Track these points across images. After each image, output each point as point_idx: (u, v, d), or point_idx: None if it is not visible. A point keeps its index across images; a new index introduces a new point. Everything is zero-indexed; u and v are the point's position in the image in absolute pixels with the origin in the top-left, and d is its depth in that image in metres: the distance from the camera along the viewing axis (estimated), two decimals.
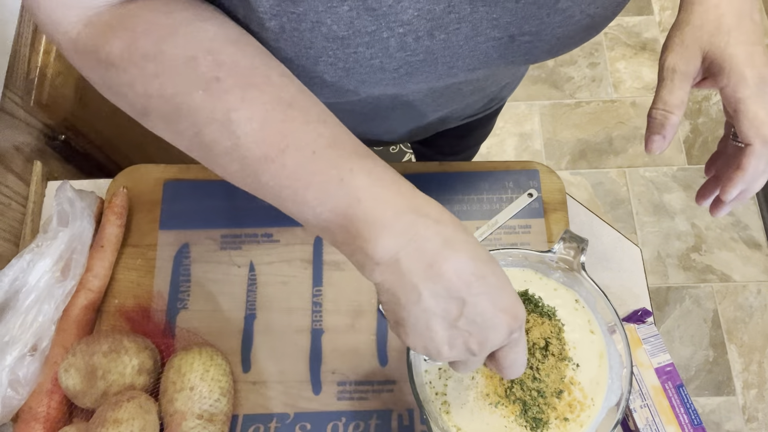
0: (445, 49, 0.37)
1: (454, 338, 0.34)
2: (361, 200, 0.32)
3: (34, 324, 0.54)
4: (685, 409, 0.57)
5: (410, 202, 0.33)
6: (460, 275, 0.32)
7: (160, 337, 0.59)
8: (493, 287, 0.33)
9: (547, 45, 0.39)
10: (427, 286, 0.32)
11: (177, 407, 0.52)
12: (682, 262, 1.53)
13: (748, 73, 0.40)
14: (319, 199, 0.33)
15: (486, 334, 0.34)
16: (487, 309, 0.33)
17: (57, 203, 0.58)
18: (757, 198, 1.58)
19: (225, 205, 0.66)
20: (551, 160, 1.64)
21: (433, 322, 0.33)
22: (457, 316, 0.33)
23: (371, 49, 0.35)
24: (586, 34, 0.39)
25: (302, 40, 0.34)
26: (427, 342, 0.34)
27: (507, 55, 0.39)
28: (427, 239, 0.32)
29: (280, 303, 0.62)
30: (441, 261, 0.32)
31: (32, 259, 0.55)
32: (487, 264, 0.34)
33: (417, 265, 0.32)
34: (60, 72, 0.78)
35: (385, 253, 0.32)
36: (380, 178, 0.33)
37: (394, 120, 0.53)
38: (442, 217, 0.33)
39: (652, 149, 0.43)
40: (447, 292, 0.32)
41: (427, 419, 0.45)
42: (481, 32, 0.37)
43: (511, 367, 0.37)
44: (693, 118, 1.68)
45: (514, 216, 0.66)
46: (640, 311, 0.62)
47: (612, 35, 1.78)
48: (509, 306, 0.34)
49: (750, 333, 1.47)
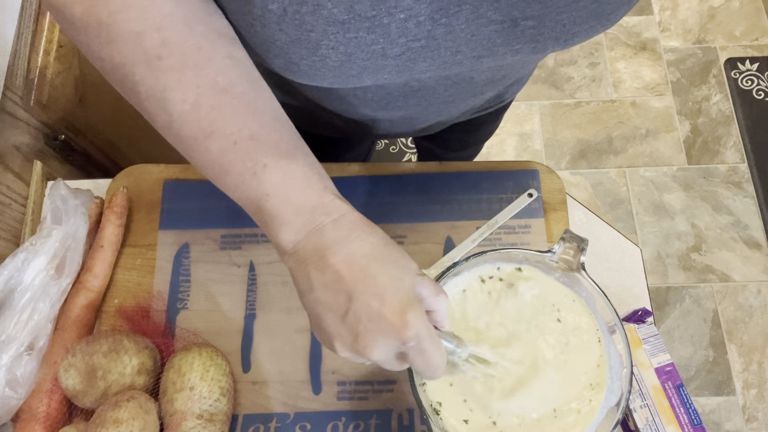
0: (447, 34, 0.37)
1: (343, 335, 0.35)
2: (269, 195, 0.35)
3: (30, 322, 0.54)
4: (685, 409, 0.57)
5: (315, 201, 0.36)
6: (349, 270, 0.34)
7: (160, 337, 0.59)
8: (384, 288, 0.34)
9: (553, 32, 0.38)
10: (316, 276, 0.35)
11: (177, 407, 0.52)
12: (682, 262, 1.53)
13: None
14: (235, 187, 0.36)
15: (372, 337, 0.34)
16: (373, 309, 0.34)
17: (50, 201, 0.58)
18: (757, 198, 1.59)
19: (225, 205, 0.66)
20: (551, 160, 1.64)
21: (323, 314, 0.35)
22: (345, 311, 0.34)
23: (372, 34, 0.35)
24: (595, 22, 0.38)
25: (303, 23, 0.34)
26: (322, 334, 0.36)
27: (511, 41, 0.39)
28: (322, 235, 0.35)
29: (280, 303, 0.62)
30: (330, 254, 0.35)
31: (27, 258, 0.55)
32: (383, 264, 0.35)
33: (311, 256, 0.35)
34: (60, 72, 0.78)
35: (286, 243, 0.36)
36: (292, 177, 0.36)
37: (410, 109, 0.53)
38: (344, 217, 0.36)
39: None
40: (334, 284, 0.34)
41: (427, 419, 0.45)
42: (482, 14, 0.36)
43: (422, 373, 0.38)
44: (693, 118, 1.68)
45: (514, 216, 0.66)
46: (640, 311, 0.62)
47: (612, 35, 1.78)
48: (398, 311, 0.34)
49: (750, 333, 1.47)
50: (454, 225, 0.66)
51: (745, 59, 1.73)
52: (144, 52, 0.34)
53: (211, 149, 0.35)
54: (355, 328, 0.34)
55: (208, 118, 0.35)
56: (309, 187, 0.36)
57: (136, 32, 0.34)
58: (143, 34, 0.34)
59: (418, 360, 0.37)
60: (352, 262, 0.35)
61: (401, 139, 1.68)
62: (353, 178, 0.67)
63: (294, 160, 0.36)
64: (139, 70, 0.35)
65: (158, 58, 0.34)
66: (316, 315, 0.36)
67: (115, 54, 0.35)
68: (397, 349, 0.36)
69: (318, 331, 0.37)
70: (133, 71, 0.35)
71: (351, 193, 0.66)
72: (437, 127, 0.67)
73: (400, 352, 0.37)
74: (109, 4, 0.34)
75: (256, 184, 0.35)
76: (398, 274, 0.36)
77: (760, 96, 1.69)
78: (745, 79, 1.71)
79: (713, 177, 1.61)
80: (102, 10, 0.34)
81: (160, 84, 0.35)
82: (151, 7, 0.34)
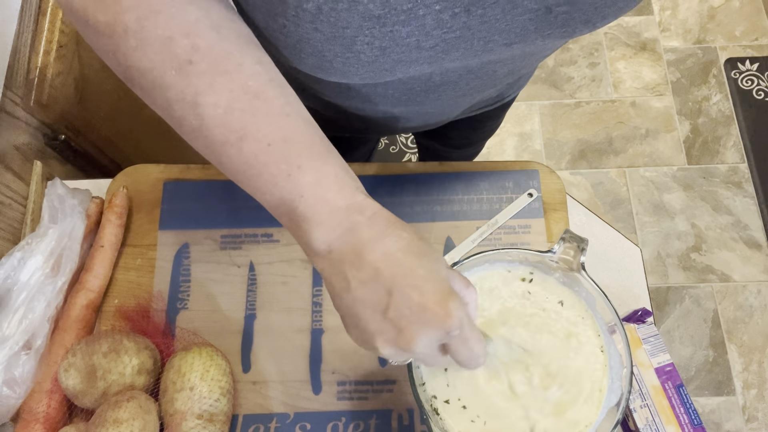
0: (482, 24, 0.37)
1: (385, 331, 0.35)
2: (303, 196, 0.35)
3: (25, 321, 0.53)
4: (685, 409, 0.57)
5: (348, 201, 0.36)
6: (387, 264, 0.34)
7: (160, 337, 0.59)
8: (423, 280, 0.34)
9: (584, 15, 0.38)
10: (354, 274, 0.34)
11: (177, 407, 0.52)
12: (682, 262, 1.53)
13: None
14: (268, 189, 0.36)
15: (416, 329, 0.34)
16: (415, 301, 0.34)
17: (47, 200, 0.58)
18: (757, 198, 1.59)
19: (225, 205, 0.66)
20: (551, 160, 1.64)
21: (363, 312, 0.35)
22: (386, 307, 0.34)
23: (407, 27, 0.35)
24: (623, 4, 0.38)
25: (339, 20, 0.34)
26: (363, 334, 0.36)
27: (543, 27, 0.39)
28: (356, 233, 0.35)
29: (280, 303, 0.62)
30: (367, 251, 0.34)
31: (23, 257, 0.55)
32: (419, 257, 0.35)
33: (346, 255, 0.35)
34: (60, 72, 0.78)
35: (320, 244, 0.35)
36: (325, 177, 0.36)
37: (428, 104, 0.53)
38: (377, 215, 0.36)
39: None
40: (373, 281, 0.34)
41: (427, 419, 0.45)
42: (519, 4, 0.36)
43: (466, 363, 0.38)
44: (693, 118, 1.68)
45: (514, 216, 0.66)
46: (640, 311, 0.62)
47: (612, 35, 1.78)
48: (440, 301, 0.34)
49: (750, 333, 1.47)
50: (454, 225, 0.66)
51: (745, 59, 1.73)
52: (174, 57, 0.34)
53: (243, 152, 0.36)
54: (398, 323, 0.34)
55: (241, 122, 0.35)
56: (342, 188, 0.36)
57: (165, 37, 0.34)
58: (173, 40, 0.34)
59: (461, 349, 0.37)
60: (388, 257, 0.34)
61: (401, 139, 1.68)
62: None
63: (326, 161, 0.37)
64: (169, 75, 0.35)
65: (189, 63, 0.34)
66: (354, 315, 0.36)
67: (143, 59, 0.35)
68: (441, 340, 0.36)
69: (356, 331, 0.36)
70: (163, 76, 0.35)
71: None
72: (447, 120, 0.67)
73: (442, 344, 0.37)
74: (135, 11, 0.34)
75: (291, 186, 0.35)
76: (434, 266, 0.36)
77: (760, 96, 1.69)
78: (745, 79, 1.71)
79: (713, 177, 1.61)
80: (128, 17, 0.34)
81: (191, 88, 0.35)
82: (178, 14, 0.35)
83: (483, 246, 0.64)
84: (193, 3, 0.35)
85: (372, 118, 0.59)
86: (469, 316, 0.37)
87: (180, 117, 0.36)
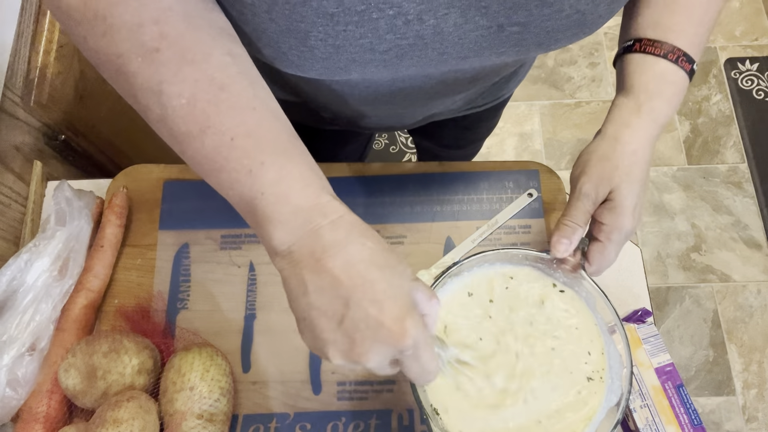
0: (435, 35, 0.38)
1: (338, 342, 0.34)
2: (264, 194, 0.34)
3: (32, 323, 0.54)
4: (685, 409, 0.57)
5: (312, 202, 0.35)
6: (347, 275, 0.33)
7: (160, 337, 0.59)
8: (383, 294, 0.33)
9: (537, 38, 0.39)
10: (312, 279, 0.34)
11: (177, 407, 0.52)
12: (682, 262, 1.53)
13: (627, 224, 0.48)
14: (229, 184, 0.35)
15: (370, 345, 0.33)
16: (372, 316, 0.33)
17: (55, 203, 0.58)
18: (757, 198, 1.59)
19: (225, 205, 0.65)
20: (551, 160, 1.64)
21: (317, 319, 0.34)
22: (342, 318, 0.33)
23: (361, 28, 0.35)
24: (578, 30, 0.39)
25: (293, 13, 0.34)
26: (315, 341, 0.35)
27: (496, 45, 0.40)
28: (318, 236, 0.34)
29: (280, 303, 0.62)
30: (327, 257, 0.33)
31: (30, 259, 0.55)
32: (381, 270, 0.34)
33: (306, 259, 0.34)
34: (60, 72, 0.78)
35: (279, 244, 0.35)
36: (288, 175, 0.35)
37: (397, 104, 0.54)
38: (342, 219, 0.35)
39: (558, 251, 0.49)
40: (331, 289, 0.33)
41: (427, 419, 0.45)
42: (470, 19, 0.37)
43: (416, 379, 0.37)
44: (693, 118, 1.68)
45: (514, 216, 0.66)
46: (640, 311, 0.62)
47: (612, 35, 1.77)
48: (397, 318, 0.33)
49: (750, 333, 1.47)
50: (454, 225, 0.66)
51: (745, 59, 1.73)
52: (141, 44, 0.34)
53: (206, 145, 0.35)
54: (351, 335, 0.34)
55: (204, 114, 0.34)
56: (306, 186, 0.35)
57: (134, 24, 0.34)
58: (142, 27, 0.33)
59: (413, 366, 0.36)
60: (350, 266, 0.34)
61: (401, 139, 1.68)
62: (353, 178, 0.67)
63: (291, 158, 0.36)
64: (135, 62, 0.34)
65: (156, 50, 0.34)
66: (308, 320, 0.35)
67: (111, 45, 0.34)
68: (393, 356, 0.35)
69: (309, 336, 0.35)
70: (129, 62, 0.34)
71: (351, 193, 0.66)
72: (426, 121, 0.67)
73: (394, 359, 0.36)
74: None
75: (251, 182, 0.34)
76: (396, 281, 0.35)
77: (760, 96, 1.69)
78: (745, 79, 1.71)
79: (713, 177, 1.61)
80: (99, 2, 0.34)
81: (156, 77, 0.34)
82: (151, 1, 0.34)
83: (483, 246, 0.64)
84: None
85: (348, 115, 0.60)
86: (426, 334, 0.36)
87: (144, 105, 0.35)
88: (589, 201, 0.49)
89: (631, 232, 0.49)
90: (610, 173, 0.48)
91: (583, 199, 0.49)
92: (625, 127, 0.48)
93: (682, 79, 0.48)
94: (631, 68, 0.49)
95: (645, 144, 0.48)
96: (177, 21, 0.34)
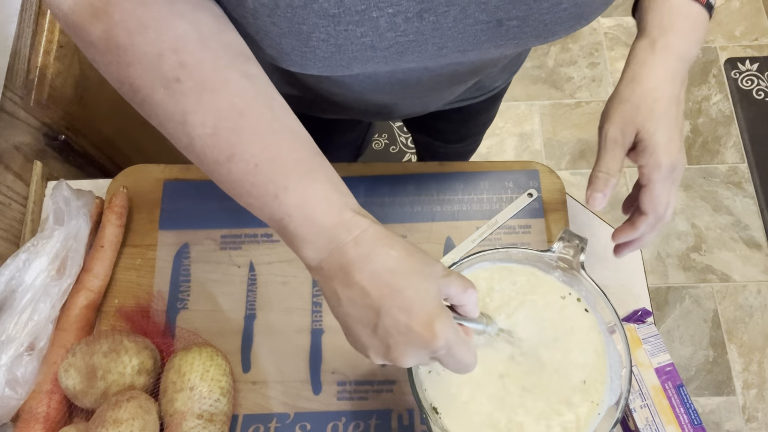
0: (435, 31, 0.38)
1: (375, 346, 0.36)
2: (291, 216, 0.36)
3: (30, 323, 0.54)
4: (685, 409, 0.57)
5: (335, 220, 0.36)
6: (374, 286, 0.35)
7: (160, 337, 0.59)
8: (410, 301, 0.35)
9: (535, 31, 0.40)
10: (343, 291, 0.36)
11: (177, 407, 0.52)
12: (682, 262, 1.53)
13: (664, 160, 0.47)
14: (258, 207, 0.37)
15: (404, 349, 0.35)
16: (402, 323, 0.35)
17: (53, 202, 0.58)
18: (757, 198, 1.59)
19: (225, 205, 0.66)
20: (551, 160, 1.64)
21: (354, 327, 0.37)
22: (375, 325, 0.35)
23: (361, 27, 0.36)
24: (574, 22, 0.40)
25: (295, 16, 0.35)
26: (356, 344, 0.38)
27: (495, 38, 0.40)
28: (344, 252, 0.36)
29: (280, 303, 0.62)
30: (355, 270, 0.35)
31: (28, 258, 0.55)
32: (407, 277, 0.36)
33: (335, 273, 0.36)
34: (60, 72, 0.78)
35: (311, 260, 0.37)
36: (312, 197, 0.36)
37: (396, 95, 0.55)
38: (365, 233, 0.37)
39: (594, 205, 0.50)
40: (361, 300, 0.35)
41: (427, 419, 0.45)
42: (470, 15, 0.38)
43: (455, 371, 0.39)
44: (693, 118, 1.68)
45: (514, 216, 0.66)
46: (640, 311, 0.62)
47: (612, 35, 1.78)
48: (426, 323, 0.35)
49: (750, 333, 1.47)
50: (454, 225, 0.66)
51: (745, 59, 1.73)
52: (162, 75, 0.35)
53: (232, 171, 0.36)
54: (386, 341, 0.35)
55: (228, 142, 0.36)
56: (329, 206, 0.37)
57: (154, 54, 0.35)
58: (162, 56, 0.35)
59: (450, 363, 0.38)
60: (376, 277, 0.35)
61: (401, 139, 1.69)
62: (353, 178, 0.67)
63: (315, 179, 0.37)
64: (159, 93, 0.35)
65: (177, 80, 0.35)
66: (346, 326, 0.38)
67: (134, 77, 0.36)
68: (428, 357, 0.37)
69: (350, 339, 0.38)
70: (153, 93, 0.36)
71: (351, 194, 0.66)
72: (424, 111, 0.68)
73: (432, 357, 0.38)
74: (126, 26, 0.35)
75: (278, 206, 0.36)
76: (423, 285, 0.36)
77: (760, 96, 1.69)
78: (745, 79, 1.71)
79: (713, 177, 1.61)
80: (120, 32, 0.35)
81: (180, 107, 0.35)
82: (166, 28, 0.35)
83: (483, 246, 0.64)
84: (182, 16, 0.36)
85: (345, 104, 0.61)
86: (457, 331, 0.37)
87: (172, 134, 0.37)
88: (617, 146, 0.49)
89: (672, 168, 0.48)
90: (633, 114, 0.48)
91: (611, 145, 0.49)
92: (641, 66, 0.48)
93: (698, 14, 0.48)
94: (644, 10, 0.49)
95: (665, 79, 0.48)
96: (194, 48, 0.35)
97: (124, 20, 0.35)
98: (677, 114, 0.49)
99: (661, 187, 0.48)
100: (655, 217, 0.50)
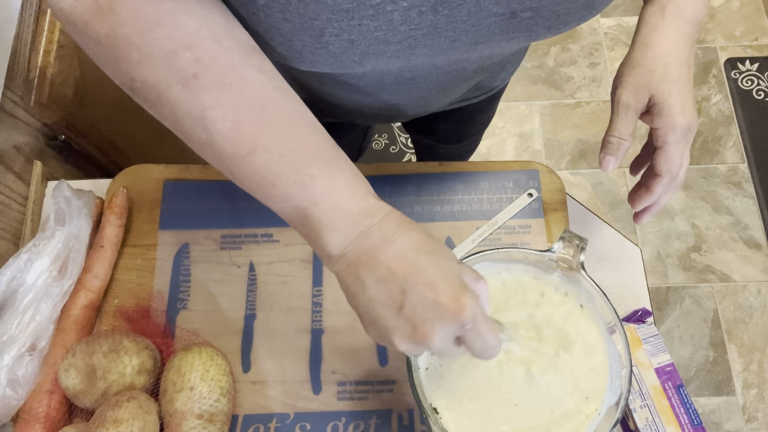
0: (448, 24, 0.38)
1: (401, 328, 0.36)
2: (317, 203, 0.36)
3: (32, 323, 0.54)
4: (685, 409, 0.57)
5: (360, 206, 0.37)
6: (400, 264, 0.36)
7: (160, 337, 0.59)
8: (435, 277, 0.36)
9: (548, 22, 0.40)
10: (368, 275, 0.36)
11: (177, 407, 0.52)
12: (682, 262, 1.53)
13: (679, 122, 0.48)
14: (282, 197, 0.37)
15: (432, 325, 0.35)
16: (428, 298, 0.35)
17: (54, 202, 0.58)
18: (757, 198, 1.59)
19: (225, 205, 0.66)
20: (551, 160, 1.64)
21: (378, 310, 0.36)
22: (401, 304, 0.35)
23: (375, 21, 0.36)
24: (586, 12, 0.40)
25: (308, 11, 0.35)
26: (379, 331, 0.37)
27: (508, 31, 0.40)
28: (369, 235, 0.36)
29: (280, 303, 0.62)
30: (380, 252, 0.36)
31: (29, 259, 0.55)
32: (430, 255, 0.36)
33: (360, 257, 0.36)
34: (60, 72, 0.78)
35: (334, 248, 0.37)
36: (337, 184, 0.37)
37: (400, 94, 0.55)
38: (388, 216, 0.38)
39: (606, 168, 0.51)
40: (387, 279, 0.36)
41: (427, 419, 0.45)
42: (484, 8, 0.38)
43: (481, 354, 0.39)
44: None
45: (514, 216, 0.66)
46: (640, 311, 0.62)
47: (612, 35, 1.78)
48: (453, 296, 0.35)
49: (750, 333, 1.47)
50: (454, 225, 0.66)
51: (745, 59, 1.73)
52: (178, 71, 0.35)
53: (254, 163, 0.36)
54: (413, 320, 0.35)
55: (250, 135, 0.36)
56: (354, 193, 0.37)
57: (168, 51, 0.35)
58: (176, 53, 0.35)
59: (476, 341, 0.38)
60: (401, 256, 0.36)
61: (401, 139, 1.69)
62: None
63: (337, 167, 0.38)
64: (176, 90, 0.35)
65: (194, 77, 0.35)
66: (370, 313, 0.37)
67: (148, 74, 0.35)
68: (455, 334, 0.37)
69: (374, 328, 0.38)
70: (169, 91, 0.35)
71: None
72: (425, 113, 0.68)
73: (456, 337, 0.38)
74: (136, 23, 0.34)
75: (304, 194, 0.36)
76: (445, 263, 0.37)
77: (760, 96, 1.69)
78: (745, 79, 1.71)
79: (713, 177, 1.61)
80: (130, 30, 0.34)
81: (198, 103, 0.35)
82: (179, 26, 0.35)
83: (483, 246, 0.64)
84: (192, 13, 0.36)
85: (348, 106, 0.60)
86: (482, 308, 0.38)
87: (189, 131, 0.37)
88: (630, 110, 0.49)
89: (687, 129, 0.49)
90: (646, 78, 0.48)
91: (623, 109, 0.49)
92: (652, 30, 0.49)
93: None
94: None
95: (677, 43, 0.48)
96: (209, 45, 0.35)
97: (133, 18, 0.34)
98: (689, 77, 0.49)
99: (676, 148, 0.49)
100: (670, 177, 0.50)
